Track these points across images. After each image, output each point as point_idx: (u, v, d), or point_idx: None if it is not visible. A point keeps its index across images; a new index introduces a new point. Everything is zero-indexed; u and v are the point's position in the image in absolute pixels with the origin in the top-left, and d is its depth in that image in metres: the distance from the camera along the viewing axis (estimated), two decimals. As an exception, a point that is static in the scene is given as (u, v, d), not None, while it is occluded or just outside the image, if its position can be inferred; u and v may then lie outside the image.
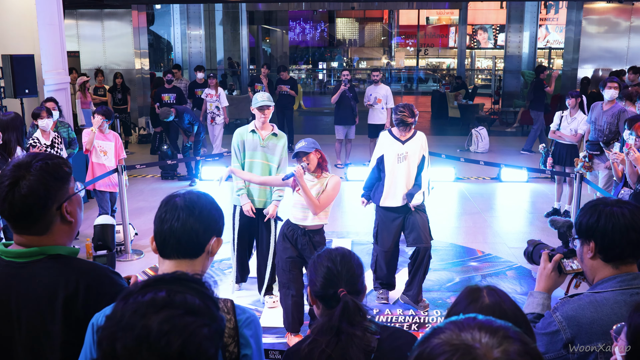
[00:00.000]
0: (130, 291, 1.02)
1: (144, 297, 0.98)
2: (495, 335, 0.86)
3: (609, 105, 6.21)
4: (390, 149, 4.45)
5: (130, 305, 0.98)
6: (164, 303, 0.97)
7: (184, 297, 0.99)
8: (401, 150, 4.43)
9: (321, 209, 3.81)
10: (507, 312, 1.40)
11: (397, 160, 4.43)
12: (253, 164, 4.44)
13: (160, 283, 1.02)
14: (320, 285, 1.71)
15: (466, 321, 0.90)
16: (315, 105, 20.91)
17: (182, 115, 8.39)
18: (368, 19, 31.54)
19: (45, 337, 1.56)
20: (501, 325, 0.89)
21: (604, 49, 12.37)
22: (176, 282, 1.03)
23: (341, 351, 1.60)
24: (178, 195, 1.56)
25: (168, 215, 1.52)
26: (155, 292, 0.99)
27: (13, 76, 7.19)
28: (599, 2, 12.28)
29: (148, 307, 0.96)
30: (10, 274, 1.59)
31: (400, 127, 4.38)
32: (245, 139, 4.46)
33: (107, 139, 6.00)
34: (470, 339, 0.85)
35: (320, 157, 3.83)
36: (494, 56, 22.59)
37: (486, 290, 1.44)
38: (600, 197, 2.34)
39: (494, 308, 1.39)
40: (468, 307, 1.40)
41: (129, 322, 0.95)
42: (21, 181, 1.55)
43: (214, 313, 1.01)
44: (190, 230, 1.50)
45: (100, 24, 12.78)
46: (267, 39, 27.77)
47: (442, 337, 0.87)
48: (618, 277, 1.77)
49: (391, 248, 4.58)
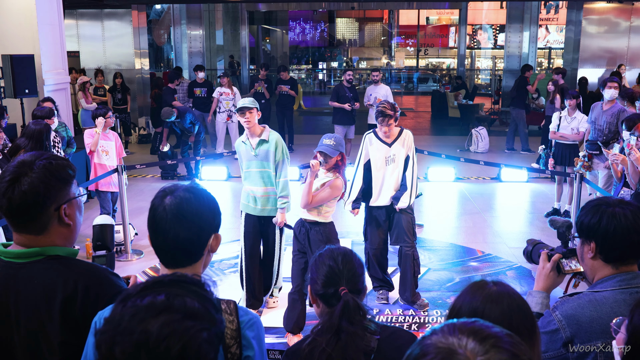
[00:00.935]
0: (128, 294, 1.01)
1: (142, 301, 0.97)
2: (483, 342, 0.85)
3: (609, 105, 6.22)
4: (377, 154, 4.45)
5: (128, 308, 0.97)
6: (163, 307, 0.96)
7: (183, 301, 0.98)
8: (388, 153, 4.43)
9: (310, 205, 3.88)
10: (517, 301, 1.38)
11: (385, 162, 4.44)
12: (250, 174, 4.39)
13: (159, 286, 1.01)
14: (321, 283, 1.72)
15: (461, 324, 0.89)
16: (315, 105, 20.90)
17: (184, 115, 8.40)
18: (368, 19, 31.55)
19: (44, 338, 1.56)
20: (496, 333, 0.88)
21: (604, 49, 12.37)
22: (175, 284, 1.02)
23: (341, 350, 1.60)
24: (164, 203, 1.46)
25: (158, 227, 1.46)
26: (154, 295, 0.98)
27: (13, 76, 7.20)
28: (599, 2, 12.28)
29: (147, 311, 0.95)
30: (9, 275, 1.58)
31: (379, 119, 4.34)
32: (240, 150, 4.44)
33: (108, 138, 6.01)
34: (456, 344, 0.85)
35: (341, 160, 3.96)
36: (494, 56, 22.60)
37: (493, 282, 1.43)
38: (601, 196, 2.34)
39: (503, 296, 1.38)
40: (474, 296, 1.39)
41: (128, 326, 0.94)
42: (22, 177, 1.55)
43: (213, 316, 1.00)
44: (183, 241, 1.46)
45: (100, 24, 12.79)
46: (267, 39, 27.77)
47: (433, 339, 0.87)
48: (618, 276, 1.77)
49: (380, 245, 4.61)
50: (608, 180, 5.96)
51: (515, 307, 1.37)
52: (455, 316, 1.38)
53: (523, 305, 1.39)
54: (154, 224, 1.47)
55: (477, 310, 1.36)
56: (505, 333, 0.89)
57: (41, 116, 5.60)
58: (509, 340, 0.87)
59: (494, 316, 1.34)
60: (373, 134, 4.51)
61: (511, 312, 1.35)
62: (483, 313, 1.35)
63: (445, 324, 0.91)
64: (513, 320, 1.34)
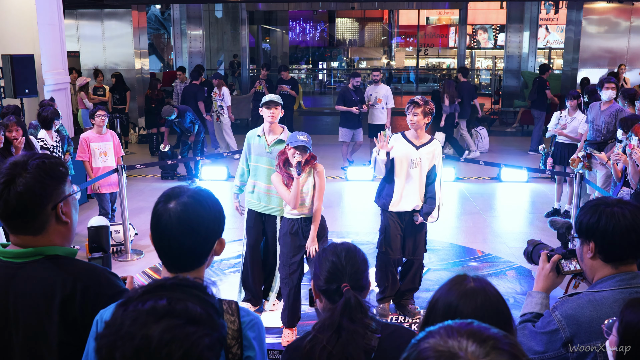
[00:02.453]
0: (130, 297, 1.00)
1: (144, 305, 0.96)
2: (483, 344, 0.84)
3: (607, 105, 6.22)
4: (402, 154, 4.20)
5: (130, 312, 0.96)
6: (165, 312, 0.95)
7: (185, 306, 0.97)
8: (415, 155, 4.20)
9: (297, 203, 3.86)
10: (491, 299, 1.38)
11: (409, 165, 4.20)
12: (258, 169, 4.33)
13: (161, 290, 1.00)
14: (324, 279, 1.71)
15: (458, 326, 0.89)
16: (315, 105, 20.90)
17: (184, 115, 8.40)
18: (368, 19, 31.52)
19: (43, 338, 1.55)
20: (494, 334, 0.87)
21: (604, 49, 12.36)
22: (177, 289, 1.01)
23: (342, 348, 1.60)
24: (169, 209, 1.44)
25: (163, 234, 1.45)
26: (155, 299, 0.97)
27: (13, 76, 7.20)
28: (599, 2, 12.28)
29: (148, 315, 0.94)
30: (7, 275, 1.58)
31: (408, 108, 4.16)
32: (252, 143, 4.37)
33: (106, 139, 5.98)
34: (456, 347, 0.84)
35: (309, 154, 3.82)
36: (494, 56, 22.60)
37: (472, 277, 1.44)
38: (600, 196, 2.34)
39: (478, 292, 1.38)
40: (450, 290, 1.39)
41: (129, 331, 0.93)
42: (17, 178, 1.54)
43: (215, 321, 1.00)
44: (188, 249, 1.45)
45: (100, 24, 12.78)
46: (267, 39, 27.77)
47: (430, 342, 0.86)
48: (617, 276, 1.77)
49: (398, 254, 4.33)
50: (607, 180, 5.96)
51: (489, 304, 1.37)
52: (432, 309, 1.40)
53: (498, 302, 1.38)
54: (159, 230, 1.46)
55: (452, 304, 1.37)
56: (502, 334, 0.89)
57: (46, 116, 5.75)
58: (507, 341, 0.87)
59: (467, 312, 1.34)
60: (401, 134, 4.30)
61: (484, 309, 1.35)
62: (457, 308, 1.36)
63: (442, 326, 0.90)
64: (485, 317, 1.33)
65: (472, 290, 1.38)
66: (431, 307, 1.41)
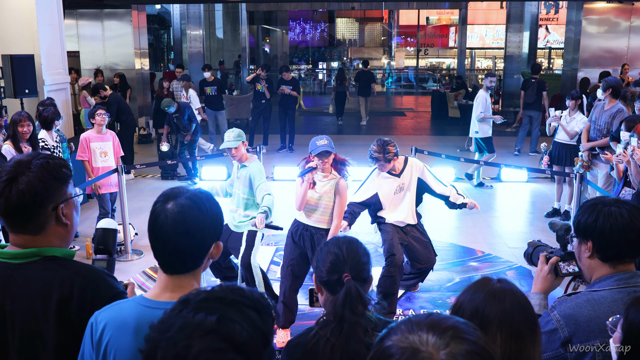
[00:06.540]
0: (188, 299, 0.99)
1: (195, 316, 0.95)
2: (443, 335, 0.85)
3: (610, 105, 6.21)
4: (386, 187, 4.28)
5: (181, 317, 0.96)
6: (211, 330, 0.94)
7: (233, 329, 0.95)
8: (398, 182, 4.28)
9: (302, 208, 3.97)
10: (519, 299, 1.38)
11: (394, 192, 4.28)
12: (234, 194, 4.40)
13: (218, 303, 0.99)
14: (325, 270, 1.72)
15: (418, 320, 0.89)
16: (315, 105, 20.89)
17: (183, 111, 8.40)
18: (368, 19, 31.54)
19: (39, 339, 1.55)
20: (453, 324, 0.88)
21: (604, 49, 12.36)
22: (235, 306, 0.99)
23: (344, 341, 1.60)
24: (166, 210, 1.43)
25: (158, 234, 1.44)
26: (207, 312, 0.96)
27: (13, 76, 7.20)
28: (599, 2, 12.28)
29: (195, 329, 0.94)
30: (5, 275, 1.57)
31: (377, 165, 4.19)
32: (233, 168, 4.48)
33: (106, 139, 5.98)
34: (417, 341, 0.85)
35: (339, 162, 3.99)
36: (494, 56, 22.60)
37: (497, 279, 1.44)
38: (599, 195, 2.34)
39: (506, 293, 1.38)
40: (476, 292, 1.39)
41: (174, 336, 0.94)
42: (20, 177, 1.54)
43: (260, 351, 0.98)
44: (183, 251, 1.44)
45: (100, 24, 12.78)
46: (267, 39, 27.77)
47: (393, 339, 0.87)
48: (615, 275, 1.77)
49: (402, 258, 4.33)
50: (607, 180, 5.96)
51: (517, 305, 1.37)
52: (457, 313, 1.39)
53: (525, 303, 1.39)
54: (155, 230, 1.45)
55: (479, 307, 1.36)
56: (462, 322, 0.89)
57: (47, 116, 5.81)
58: (466, 329, 0.87)
59: (495, 313, 1.34)
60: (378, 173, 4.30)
61: (513, 310, 1.35)
62: (484, 310, 1.35)
63: (402, 321, 0.91)
64: (514, 319, 1.34)
65: (499, 292, 1.38)
66: (455, 311, 1.40)
